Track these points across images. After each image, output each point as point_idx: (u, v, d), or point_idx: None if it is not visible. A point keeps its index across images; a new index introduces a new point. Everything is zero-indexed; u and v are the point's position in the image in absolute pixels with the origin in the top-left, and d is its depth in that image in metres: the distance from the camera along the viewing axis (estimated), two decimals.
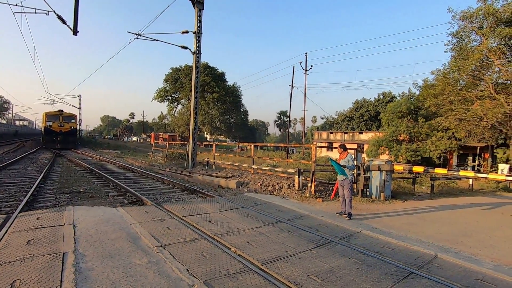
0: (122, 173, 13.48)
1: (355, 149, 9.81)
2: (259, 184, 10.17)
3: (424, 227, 6.19)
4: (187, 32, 14.39)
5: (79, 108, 42.61)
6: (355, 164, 7.45)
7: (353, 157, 6.97)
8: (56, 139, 28.85)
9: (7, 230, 4.64)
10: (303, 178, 9.72)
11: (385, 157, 25.01)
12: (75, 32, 11.47)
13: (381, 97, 42.08)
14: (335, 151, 7.51)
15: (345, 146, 6.99)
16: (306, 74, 35.64)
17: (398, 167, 9.29)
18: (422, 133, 24.06)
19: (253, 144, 14.40)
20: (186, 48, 14.90)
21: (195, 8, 14.47)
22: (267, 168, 12.49)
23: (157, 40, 14.61)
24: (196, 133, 15.31)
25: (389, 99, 40.10)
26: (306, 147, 32.26)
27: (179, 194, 9.03)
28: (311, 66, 40.94)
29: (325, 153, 35.07)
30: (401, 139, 25.34)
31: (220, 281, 3.28)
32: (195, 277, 3.35)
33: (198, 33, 14.60)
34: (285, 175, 11.39)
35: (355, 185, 9.03)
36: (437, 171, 8.40)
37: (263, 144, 24.76)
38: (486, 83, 17.99)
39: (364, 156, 26.29)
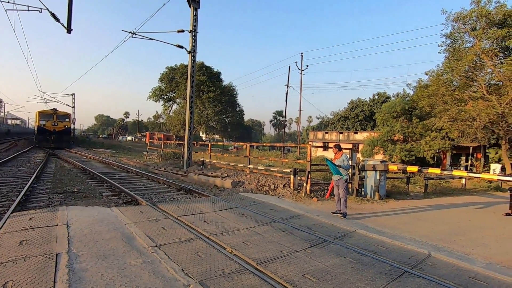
0: (116, 172, 13.37)
1: (350, 149, 9.88)
2: (254, 183, 10.17)
3: (418, 226, 6.25)
4: (182, 31, 14.32)
5: (73, 107, 42.16)
6: (350, 164, 7.50)
7: (348, 157, 7.01)
8: (50, 138, 28.38)
9: None
10: (299, 178, 9.75)
11: (379, 157, 25.20)
12: (68, 30, 11.34)
13: (376, 97, 42.41)
14: (331, 151, 7.54)
15: (340, 146, 7.03)
16: (301, 74, 35.76)
17: (393, 167, 9.36)
18: (416, 133, 24.31)
19: (248, 143, 14.39)
20: (181, 47, 14.83)
21: (190, 7, 14.41)
22: (262, 168, 12.50)
23: (152, 39, 14.52)
24: (191, 132, 15.26)
25: (384, 99, 40.44)
26: (301, 147, 32.35)
27: (175, 194, 8.99)
28: (307, 66, 41.05)
29: (320, 153, 35.21)
30: (395, 139, 25.57)
31: (215, 281, 3.28)
32: (190, 277, 3.34)
33: (194, 32, 14.55)
34: (281, 174, 11.41)
35: (350, 185, 9.09)
36: (430, 171, 8.48)
37: (259, 143, 24.79)
38: (479, 84, 18.24)
39: (359, 156, 26.46)
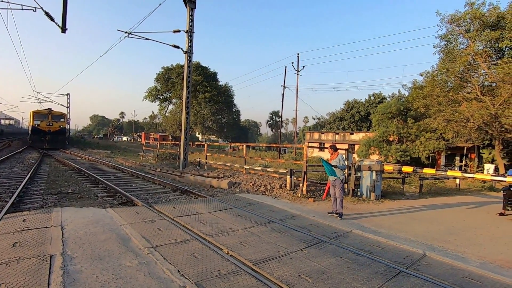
0: (112, 173, 13.28)
1: (346, 149, 9.92)
2: (251, 184, 10.16)
3: (413, 226, 6.30)
4: (178, 31, 14.28)
5: (68, 107, 41.72)
6: (346, 164, 7.53)
7: (344, 157, 7.05)
8: (44, 138, 27.90)
9: None
10: (295, 178, 9.76)
11: (375, 157, 25.36)
12: (63, 29, 11.23)
13: (372, 98, 42.69)
14: (327, 151, 7.56)
15: (336, 146, 7.06)
16: (298, 74, 35.82)
17: (388, 167, 9.43)
18: (411, 133, 24.51)
19: (245, 144, 14.38)
20: (177, 47, 14.78)
21: (187, 7, 14.38)
22: (259, 168, 12.50)
23: (148, 39, 14.44)
24: (187, 133, 15.20)
25: (379, 100, 40.72)
26: (298, 147, 32.40)
27: (171, 195, 8.95)
28: (303, 66, 41.21)
29: (316, 153, 35.32)
30: (391, 139, 25.75)
31: (211, 282, 3.27)
32: (186, 278, 3.33)
33: (190, 32, 14.51)
34: (277, 175, 11.42)
35: (346, 185, 9.12)
36: (425, 171, 8.56)
37: (255, 144, 24.79)
38: (473, 85, 18.45)
39: (355, 156, 26.59)
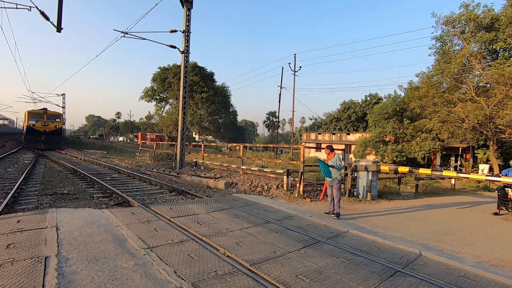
0: (108, 174, 13.19)
1: (343, 149, 9.95)
2: (248, 184, 10.16)
3: (409, 226, 6.33)
4: (175, 31, 14.23)
5: (63, 107, 41.36)
6: (343, 164, 7.55)
7: (341, 157, 7.07)
8: (40, 139, 27.42)
9: None
10: (292, 179, 9.78)
11: (371, 157, 25.50)
12: (59, 29, 11.14)
13: (368, 98, 42.90)
14: (323, 152, 7.59)
15: (332, 147, 7.07)
16: (294, 75, 35.93)
17: (384, 168, 9.48)
18: (407, 134, 24.68)
19: (242, 144, 14.37)
20: (174, 47, 14.73)
21: (183, 7, 14.34)
22: (256, 169, 12.50)
23: (144, 39, 14.39)
24: (184, 133, 15.16)
25: (375, 100, 40.92)
26: (294, 147, 32.48)
27: (167, 195, 8.91)
28: (300, 67, 41.25)
29: (313, 153, 35.43)
30: (387, 140, 25.90)
31: (208, 283, 3.25)
32: (183, 279, 3.31)
33: (187, 32, 14.47)
34: (274, 175, 11.43)
35: (342, 185, 9.15)
36: (421, 171, 8.62)
37: (252, 144, 24.78)
38: (468, 86, 18.63)
39: (351, 157, 26.70)
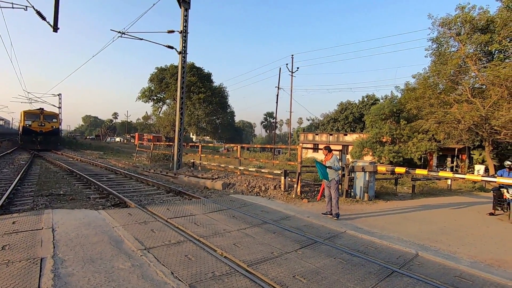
0: (104, 174, 13.12)
1: (340, 150, 9.99)
2: (245, 185, 10.15)
3: (405, 226, 6.36)
4: (172, 31, 14.20)
5: (59, 108, 41.05)
6: (340, 165, 7.57)
7: (338, 158, 7.08)
8: (36, 139, 27.04)
9: None
10: (289, 179, 9.79)
11: (368, 158, 25.59)
12: (55, 28, 11.06)
13: (365, 99, 43.09)
14: (321, 152, 7.60)
15: (330, 147, 7.09)
16: (292, 76, 35.97)
17: (381, 168, 9.51)
18: (404, 135, 24.81)
19: (239, 145, 14.37)
20: (172, 47, 14.71)
21: (181, 8, 14.32)
22: (253, 169, 12.50)
23: (142, 39, 14.34)
24: (181, 133, 15.12)
25: (372, 101, 41.11)
26: (292, 148, 32.50)
27: (164, 196, 8.88)
28: (297, 68, 41.39)
29: (311, 154, 35.48)
30: (384, 140, 26.02)
31: (205, 284, 3.25)
32: (180, 280, 3.30)
33: (184, 32, 14.45)
34: (272, 176, 11.43)
35: (340, 186, 9.18)
36: (418, 172, 8.66)
37: (250, 145, 24.78)
38: (464, 87, 18.78)
39: (349, 157, 26.79)
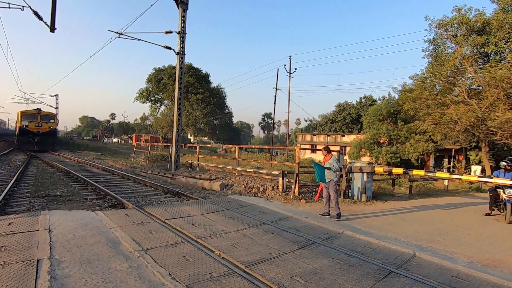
0: (101, 175, 13.06)
1: (338, 151, 10.01)
2: (243, 186, 10.14)
3: (403, 226, 6.39)
4: (170, 32, 14.19)
5: (56, 108, 40.91)
6: (339, 166, 7.58)
7: (337, 159, 7.08)
8: (33, 140, 26.74)
9: None
10: (287, 180, 9.79)
11: (366, 159, 25.66)
12: (52, 29, 11.03)
13: (363, 100, 43.24)
14: (319, 153, 7.61)
15: (329, 148, 7.09)
16: (290, 77, 36.03)
17: (379, 169, 9.54)
18: (401, 135, 24.91)
19: (237, 146, 14.36)
20: (169, 48, 14.69)
21: (179, 8, 14.31)
22: (251, 170, 12.49)
23: (139, 40, 14.32)
24: (179, 134, 15.09)
25: (370, 102, 41.26)
26: (290, 149, 32.53)
27: (162, 197, 8.85)
28: (295, 69, 41.28)
29: (308, 155, 35.53)
30: (381, 141, 26.10)
31: (203, 285, 3.24)
32: (177, 281, 3.29)
33: (182, 33, 14.44)
34: (269, 177, 11.43)
35: (337, 187, 9.20)
36: (415, 172, 8.69)
37: (248, 146, 24.76)
38: (460, 88, 18.87)
39: (346, 158, 26.87)
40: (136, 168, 16.19)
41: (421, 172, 8.86)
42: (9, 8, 11.42)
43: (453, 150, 25.01)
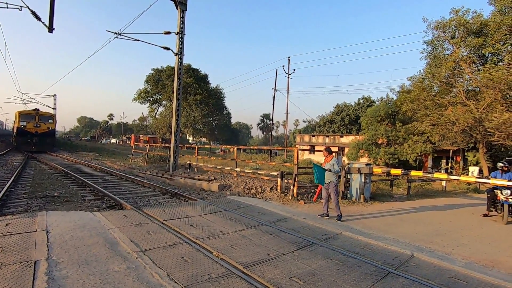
0: (100, 176, 13.01)
1: (336, 152, 10.02)
2: (242, 186, 10.14)
3: (401, 227, 6.40)
4: (169, 33, 14.19)
5: (54, 109, 40.73)
6: (339, 168, 7.56)
7: (338, 160, 7.03)
8: (31, 141, 26.43)
9: None
10: (286, 181, 9.79)
11: (364, 160, 25.71)
12: (50, 29, 11.00)
13: (361, 101, 43.31)
14: (317, 154, 7.61)
15: (331, 149, 7.03)
16: (288, 78, 36.11)
17: (377, 170, 9.58)
18: (400, 136, 24.98)
19: (236, 146, 14.35)
20: (168, 49, 14.69)
21: (178, 9, 14.30)
22: (250, 171, 12.49)
23: (138, 40, 14.30)
24: (178, 135, 15.07)
25: (368, 103, 41.34)
26: (288, 150, 32.57)
27: (160, 198, 8.83)
28: (294, 70, 41.52)
29: (307, 156, 35.55)
30: (379, 142, 26.17)
31: (202, 286, 3.23)
32: (176, 282, 3.28)
33: (181, 34, 14.43)
34: (268, 177, 11.42)
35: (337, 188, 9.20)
36: (413, 173, 8.73)
37: (246, 146, 24.69)
38: (458, 90, 18.96)
39: (345, 159, 26.92)
40: (134, 168, 16.15)
41: (419, 173, 8.90)
42: (7, 8, 11.39)
43: (451, 151, 25.12)
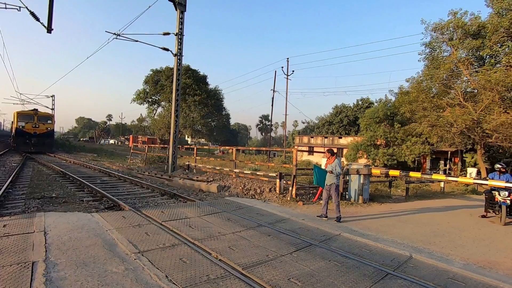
0: (98, 177, 12.98)
1: (335, 153, 10.02)
2: (240, 188, 10.13)
3: (400, 228, 6.41)
4: (168, 33, 14.20)
5: (53, 109, 40.61)
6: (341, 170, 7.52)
7: (340, 162, 6.96)
8: (30, 141, 26.24)
9: None
10: (284, 182, 9.80)
11: (363, 161, 25.75)
12: (49, 29, 10.98)
13: (360, 103, 43.40)
14: (316, 155, 7.61)
15: (333, 151, 6.97)
16: (287, 79, 36.19)
17: (376, 171, 9.58)
18: (398, 138, 25.04)
19: (234, 147, 14.35)
20: (167, 50, 14.70)
21: (177, 10, 14.32)
22: (248, 172, 12.49)
23: (137, 41, 14.32)
24: (176, 136, 15.06)
25: (367, 105, 41.43)
26: (287, 151, 32.61)
27: (159, 199, 8.82)
28: (293, 71, 41.62)
29: (306, 157, 35.58)
30: (378, 143, 26.22)
31: (200, 287, 3.23)
32: (174, 283, 3.27)
33: (180, 35, 14.45)
34: (267, 178, 11.43)
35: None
36: (411, 174, 8.74)
37: (245, 147, 24.72)
38: (456, 91, 19.05)
39: (343, 160, 26.93)
40: (133, 169, 16.12)
41: (417, 174, 8.91)
42: (6, 8, 11.37)
43: (449, 152, 25.20)
